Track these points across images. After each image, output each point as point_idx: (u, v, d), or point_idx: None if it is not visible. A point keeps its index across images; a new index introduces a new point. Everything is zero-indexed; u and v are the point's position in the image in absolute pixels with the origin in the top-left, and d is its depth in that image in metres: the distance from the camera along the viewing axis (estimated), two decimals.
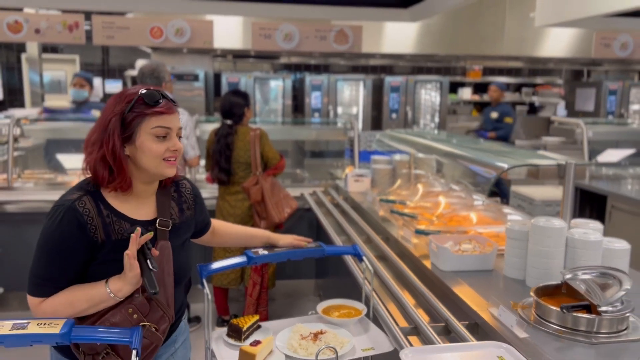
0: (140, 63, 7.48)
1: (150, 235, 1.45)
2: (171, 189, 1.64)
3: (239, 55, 8.21)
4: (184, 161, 3.75)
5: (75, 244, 1.41)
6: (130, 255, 1.38)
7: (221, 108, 3.70)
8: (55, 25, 5.32)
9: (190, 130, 3.70)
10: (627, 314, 1.57)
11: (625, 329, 1.56)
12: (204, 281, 1.59)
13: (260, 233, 2.00)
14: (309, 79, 7.91)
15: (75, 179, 4.32)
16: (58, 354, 1.54)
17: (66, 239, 1.41)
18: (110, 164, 1.44)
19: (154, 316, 1.48)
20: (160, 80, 3.49)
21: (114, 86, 9.37)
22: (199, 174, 4.37)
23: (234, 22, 6.64)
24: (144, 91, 1.46)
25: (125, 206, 1.51)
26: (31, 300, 1.44)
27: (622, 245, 1.90)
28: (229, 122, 3.67)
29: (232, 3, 5.26)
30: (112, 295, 1.41)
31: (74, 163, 4.70)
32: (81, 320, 1.46)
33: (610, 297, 1.56)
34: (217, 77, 7.87)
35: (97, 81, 8.72)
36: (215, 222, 1.94)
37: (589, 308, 1.58)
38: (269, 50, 6.42)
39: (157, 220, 1.54)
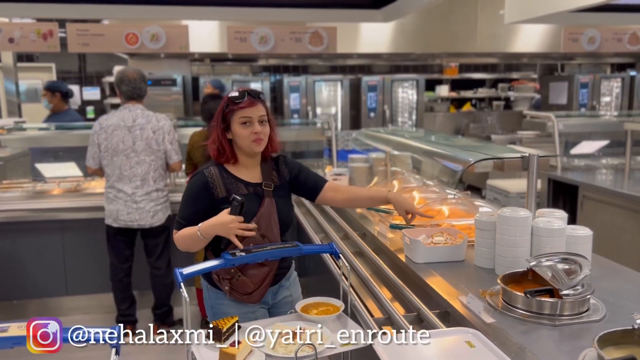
0: (117, 69, 7.45)
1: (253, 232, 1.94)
2: (272, 162, 2.17)
3: (216, 58, 8.22)
4: (166, 165, 3.75)
5: (200, 196, 2.01)
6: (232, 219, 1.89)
7: (210, 111, 3.68)
8: (29, 34, 5.30)
9: (173, 135, 3.72)
10: (588, 297, 1.65)
11: (586, 311, 1.65)
12: (182, 284, 1.63)
13: (378, 195, 2.33)
14: (287, 80, 7.95)
15: (55, 187, 4.31)
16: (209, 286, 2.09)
17: (195, 192, 2.03)
18: (218, 146, 2.05)
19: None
20: (146, 84, 3.70)
21: (92, 93, 9.28)
22: (179, 179, 4.36)
23: (210, 26, 6.65)
24: (231, 94, 2.02)
25: (240, 172, 2.08)
26: (173, 232, 2.04)
27: (584, 232, 1.99)
28: None
29: (207, 8, 5.28)
30: (198, 233, 1.90)
31: (52, 172, 4.68)
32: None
33: (571, 281, 1.65)
34: (195, 81, 7.87)
35: (74, 89, 8.64)
36: (336, 184, 2.34)
37: (552, 292, 1.66)
38: (246, 53, 6.45)
39: (263, 183, 2.08)
